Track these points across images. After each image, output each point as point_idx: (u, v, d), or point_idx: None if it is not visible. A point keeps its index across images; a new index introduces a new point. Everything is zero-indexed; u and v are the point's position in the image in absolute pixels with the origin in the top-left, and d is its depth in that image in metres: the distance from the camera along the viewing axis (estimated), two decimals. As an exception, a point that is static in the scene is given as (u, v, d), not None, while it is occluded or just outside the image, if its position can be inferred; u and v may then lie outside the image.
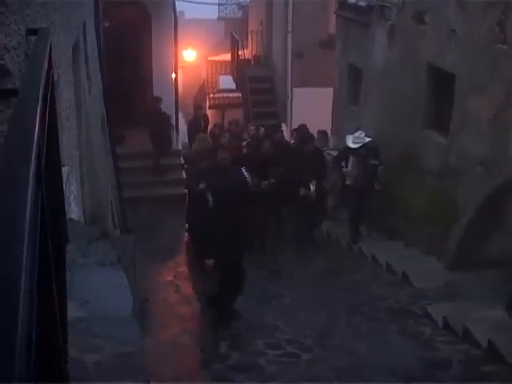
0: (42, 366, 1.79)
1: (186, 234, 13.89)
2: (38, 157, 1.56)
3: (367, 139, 13.04)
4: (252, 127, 15.95)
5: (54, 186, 2.79)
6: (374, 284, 10.91)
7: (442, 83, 12.03)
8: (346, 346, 8.21)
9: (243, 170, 9.65)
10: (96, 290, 4.18)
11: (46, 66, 2.20)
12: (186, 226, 13.61)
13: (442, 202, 11.27)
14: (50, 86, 2.50)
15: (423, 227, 11.76)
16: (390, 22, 13.90)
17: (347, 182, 13.28)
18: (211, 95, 30.15)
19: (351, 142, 13.14)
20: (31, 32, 3.41)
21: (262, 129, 15.52)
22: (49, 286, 1.85)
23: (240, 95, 26.59)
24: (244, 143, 14.81)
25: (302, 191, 12.94)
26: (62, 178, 3.48)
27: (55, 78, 4.18)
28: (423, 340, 8.35)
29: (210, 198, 8.92)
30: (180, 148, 19.24)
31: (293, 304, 10.11)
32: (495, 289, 8.95)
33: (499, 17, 9.91)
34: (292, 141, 17.03)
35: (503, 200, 9.93)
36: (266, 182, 12.63)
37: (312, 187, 13.00)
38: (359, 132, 13.19)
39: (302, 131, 15.29)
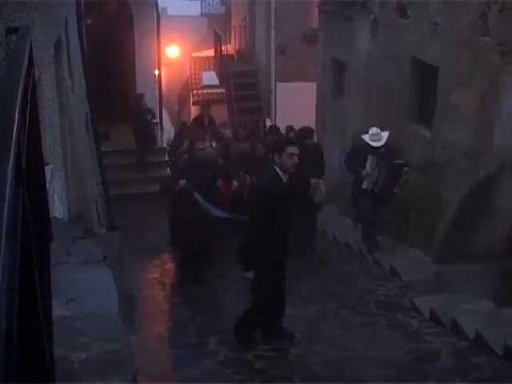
0: (26, 365, 1.78)
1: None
2: (18, 155, 1.55)
3: (386, 135, 11.39)
4: (227, 131, 15.76)
5: (37, 184, 2.78)
6: (362, 278, 10.94)
7: (425, 76, 12.07)
8: (335, 339, 8.23)
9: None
10: (81, 288, 4.17)
11: (26, 64, 2.18)
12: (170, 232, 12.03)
13: (427, 194, 11.30)
14: (31, 85, 2.48)
15: (409, 220, 11.79)
16: (372, 16, 13.90)
17: (364, 186, 11.51)
18: (195, 91, 30.09)
19: (370, 140, 11.34)
20: (11, 31, 3.38)
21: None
22: (32, 284, 1.84)
23: (224, 91, 26.54)
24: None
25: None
26: (45, 176, 3.46)
27: (37, 75, 4.16)
28: (411, 332, 8.37)
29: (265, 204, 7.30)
30: (165, 145, 19.21)
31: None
32: (482, 280, 8.99)
33: (481, 9, 9.93)
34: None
35: (489, 191, 9.96)
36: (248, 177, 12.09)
37: (323, 187, 11.34)
38: (375, 128, 11.52)
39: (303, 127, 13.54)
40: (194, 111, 30.94)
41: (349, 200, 12.67)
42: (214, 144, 12.63)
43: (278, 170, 7.26)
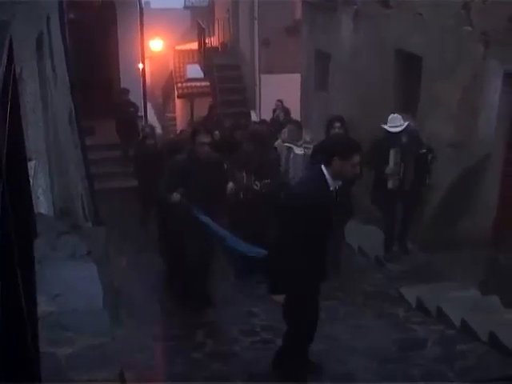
0: (11, 362, 1.78)
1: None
2: (-3, 151, 1.54)
3: (405, 122, 10.11)
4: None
5: (20, 180, 2.77)
6: (348, 268, 10.92)
7: (409, 67, 12.10)
8: (321, 330, 8.24)
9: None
10: (66, 283, 4.16)
11: (5, 59, 2.17)
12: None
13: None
14: (11, 80, 2.47)
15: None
16: (355, 7, 13.91)
17: (389, 186, 10.01)
18: (179, 85, 30.04)
19: (389, 126, 10.11)
20: (-10, 25, 3.36)
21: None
22: (14, 280, 1.84)
23: (208, 84, 26.52)
24: None
25: None
26: (27, 171, 3.45)
27: (18, 71, 4.14)
28: (398, 322, 8.41)
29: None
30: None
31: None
32: (468, 269, 9.04)
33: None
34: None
35: (474, 181, 10.00)
36: (258, 183, 9.83)
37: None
38: (394, 114, 10.32)
39: None
40: (179, 104, 30.91)
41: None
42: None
43: (327, 176, 5.76)
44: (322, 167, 5.78)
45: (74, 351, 3.42)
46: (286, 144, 11.11)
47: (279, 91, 19.95)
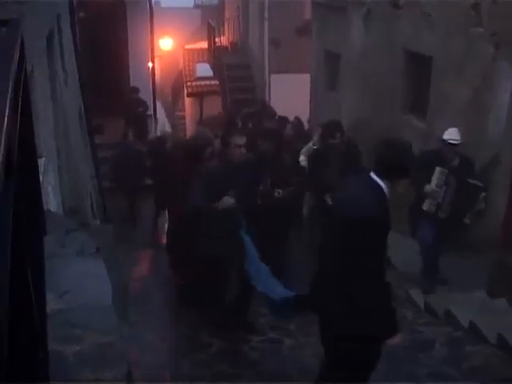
0: (20, 358, 1.79)
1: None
2: (8, 148, 1.55)
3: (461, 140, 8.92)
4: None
5: (30, 177, 2.78)
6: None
7: (418, 67, 12.07)
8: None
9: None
10: (75, 280, 4.17)
11: (16, 57, 2.18)
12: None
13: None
14: (23, 78, 2.48)
15: (404, 211, 11.77)
16: (365, 7, 13.89)
17: (425, 208, 8.91)
18: (189, 83, 30.04)
19: (447, 137, 8.90)
20: (1, 23, 3.37)
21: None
22: (25, 278, 1.84)
23: (218, 83, 26.52)
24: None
25: (328, 197, 8.92)
26: (38, 169, 3.46)
27: (29, 69, 4.16)
28: (406, 323, 8.39)
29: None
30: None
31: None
32: (476, 271, 9.01)
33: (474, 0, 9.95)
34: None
35: (483, 182, 9.97)
36: (280, 191, 8.51)
37: None
38: (454, 128, 9.07)
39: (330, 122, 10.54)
40: (189, 103, 30.92)
41: None
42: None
43: (383, 186, 4.79)
44: (374, 176, 4.81)
45: (81, 349, 3.42)
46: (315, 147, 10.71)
47: (289, 91, 19.96)
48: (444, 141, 8.94)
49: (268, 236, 7.81)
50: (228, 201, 7.16)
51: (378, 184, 4.77)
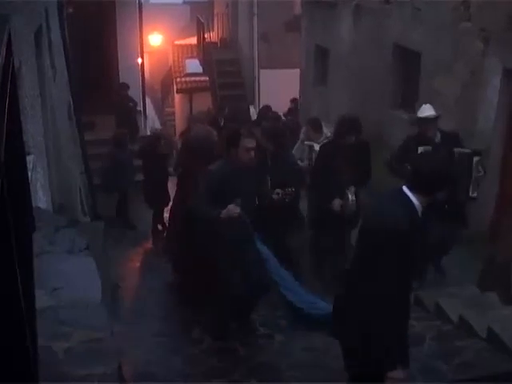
0: (8, 356, 1.78)
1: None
2: (-5, 145, 1.54)
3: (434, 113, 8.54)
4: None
5: (18, 174, 2.77)
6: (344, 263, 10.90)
7: (408, 62, 12.09)
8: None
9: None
10: (64, 277, 4.16)
11: (4, 53, 2.17)
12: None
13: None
14: (11, 74, 2.47)
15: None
16: (355, 2, 13.90)
17: None
18: (178, 79, 30.03)
19: (420, 113, 8.58)
20: (-11, 19, 3.36)
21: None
22: (13, 275, 1.84)
23: (207, 79, 26.50)
24: None
25: (337, 204, 8.79)
26: (26, 166, 3.45)
27: (17, 65, 4.14)
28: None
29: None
30: (148, 133, 19.11)
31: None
32: (466, 265, 9.04)
33: (463, -5, 9.97)
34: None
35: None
36: (280, 191, 7.69)
37: (351, 196, 8.86)
38: (426, 105, 8.74)
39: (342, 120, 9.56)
40: (178, 99, 30.89)
41: None
42: None
43: (414, 200, 4.45)
44: (406, 189, 4.49)
45: (71, 346, 3.42)
46: (307, 142, 10.43)
47: (278, 86, 19.97)
48: (420, 119, 8.60)
49: (268, 236, 7.69)
50: (233, 209, 6.53)
51: (411, 201, 4.45)
